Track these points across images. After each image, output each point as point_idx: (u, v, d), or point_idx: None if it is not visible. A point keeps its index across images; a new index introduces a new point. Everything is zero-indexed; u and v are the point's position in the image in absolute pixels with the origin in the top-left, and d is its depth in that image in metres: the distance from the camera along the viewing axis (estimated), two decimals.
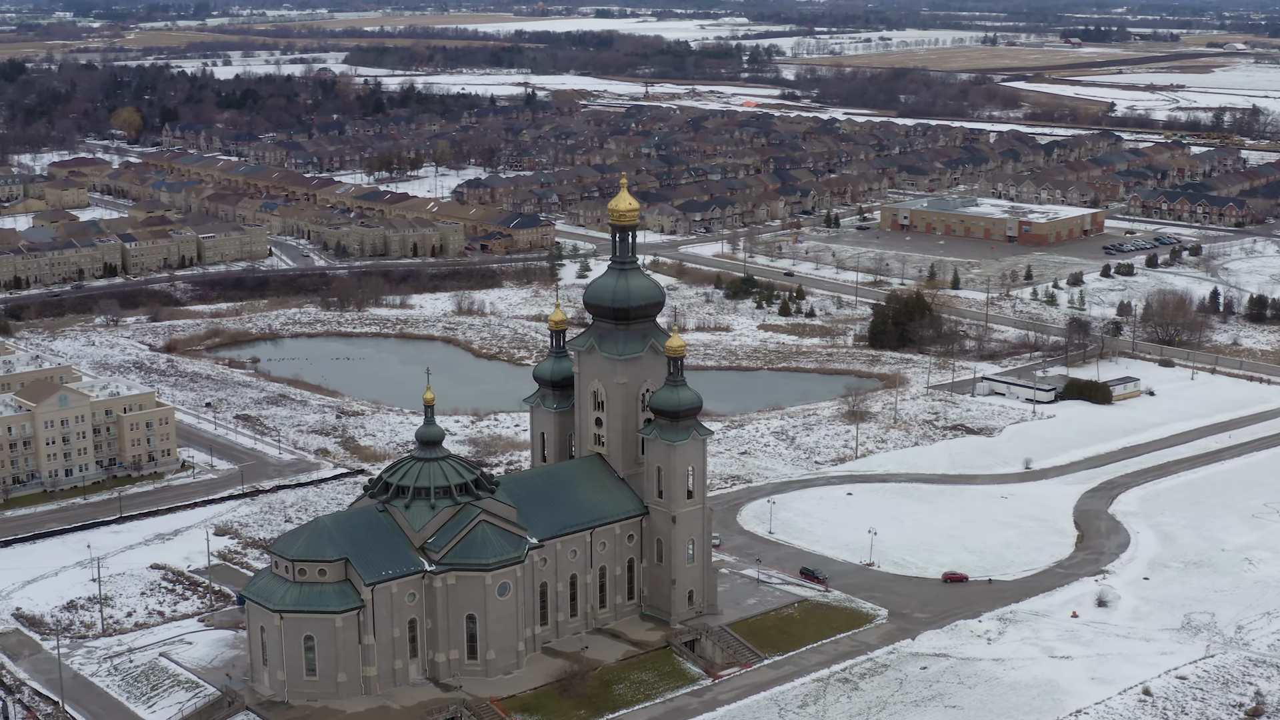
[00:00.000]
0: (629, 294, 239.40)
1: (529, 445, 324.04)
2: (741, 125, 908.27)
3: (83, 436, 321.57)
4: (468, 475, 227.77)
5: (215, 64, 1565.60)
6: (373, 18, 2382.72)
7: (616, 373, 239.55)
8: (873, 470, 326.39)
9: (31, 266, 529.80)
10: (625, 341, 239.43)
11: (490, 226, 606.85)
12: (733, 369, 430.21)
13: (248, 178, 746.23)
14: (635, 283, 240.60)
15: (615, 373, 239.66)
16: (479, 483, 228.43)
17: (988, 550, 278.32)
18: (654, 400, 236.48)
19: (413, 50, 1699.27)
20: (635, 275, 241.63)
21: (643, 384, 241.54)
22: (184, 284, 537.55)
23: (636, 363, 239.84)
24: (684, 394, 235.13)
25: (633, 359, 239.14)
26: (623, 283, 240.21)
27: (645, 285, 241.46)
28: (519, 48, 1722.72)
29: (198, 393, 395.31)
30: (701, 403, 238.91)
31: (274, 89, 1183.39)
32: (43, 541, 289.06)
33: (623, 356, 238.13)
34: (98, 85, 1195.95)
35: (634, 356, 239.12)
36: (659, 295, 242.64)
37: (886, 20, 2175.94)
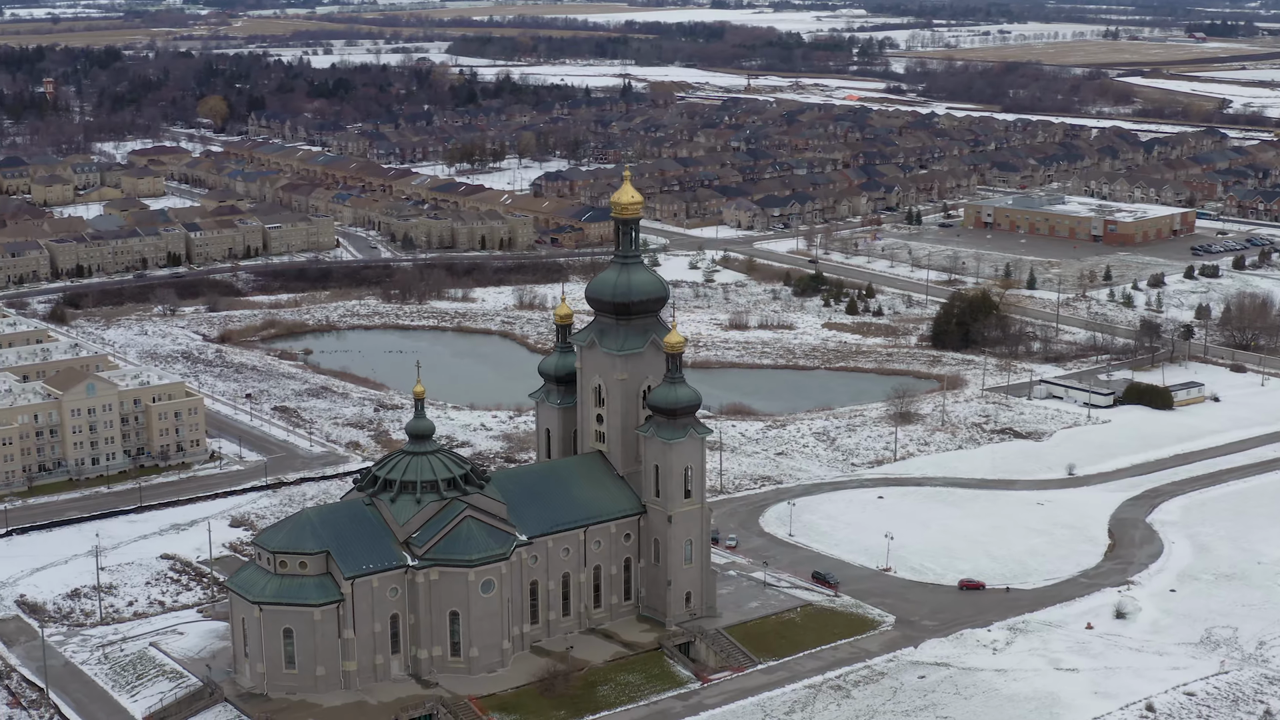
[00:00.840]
0: (630, 289, 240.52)
1: None
2: (837, 119, 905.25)
3: (110, 425, 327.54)
4: (456, 470, 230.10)
5: (316, 52, 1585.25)
6: (483, 7, 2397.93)
7: (616, 369, 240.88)
8: (909, 474, 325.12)
9: (94, 255, 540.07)
10: (626, 337, 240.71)
11: (561, 220, 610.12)
12: (789, 368, 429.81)
13: (326, 168, 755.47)
14: (637, 277, 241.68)
15: (615, 369, 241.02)
16: (467, 478, 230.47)
17: (1011, 558, 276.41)
18: (651, 397, 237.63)
19: (517, 40, 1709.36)
20: (638, 270, 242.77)
21: (644, 380, 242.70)
22: (246, 274, 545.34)
23: (637, 359, 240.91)
24: (681, 391, 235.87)
25: (633, 355, 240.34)
26: (624, 277, 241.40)
27: (647, 280, 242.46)
28: (626, 38, 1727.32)
29: (240, 384, 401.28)
30: (700, 401, 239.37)
31: (368, 78, 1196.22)
32: (59, 530, 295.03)
33: (622, 352, 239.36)
34: (191, 73, 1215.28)
35: (634, 352, 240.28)
36: (661, 290, 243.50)
37: (1009, 13, 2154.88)
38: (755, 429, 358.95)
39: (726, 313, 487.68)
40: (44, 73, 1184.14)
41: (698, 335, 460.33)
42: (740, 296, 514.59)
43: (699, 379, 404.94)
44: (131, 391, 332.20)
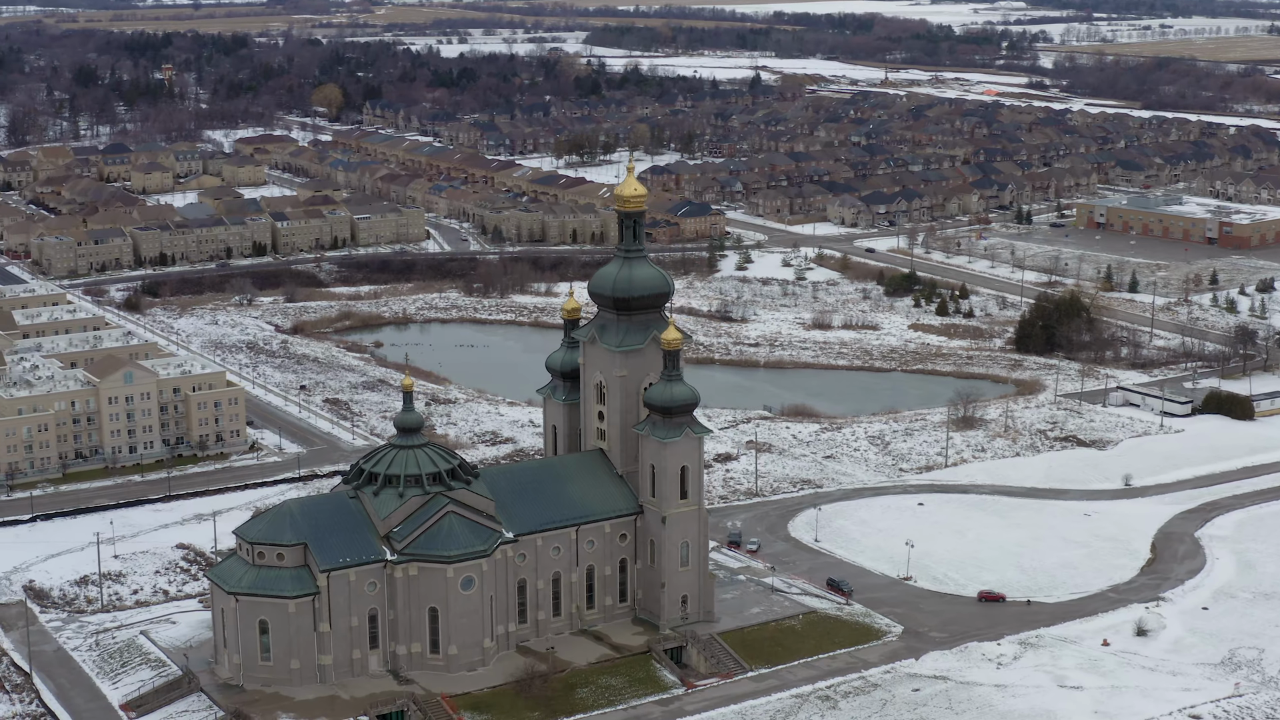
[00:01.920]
0: (630, 283, 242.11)
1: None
2: (964, 115, 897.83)
3: (148, 414, 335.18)
4: (442, 464, 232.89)
5: (451, 41, 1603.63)
6: None
7: (615, 365, 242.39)
8: (956, 480, 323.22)
9: (178, 243, 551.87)
10: (626, 333, 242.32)
11: (657, 214, 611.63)
12: (864, 369, 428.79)
13: (431, 159, 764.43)
14: (638, 272, 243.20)
15: (614, 365, 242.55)
16: (454, 472, 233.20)
17: (1042, 570, 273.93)
18: (648, 395, 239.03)
19: (656, 31, 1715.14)
20: (640, 264, 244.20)
21: (645, 378, 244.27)
22: (330, 265, 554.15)
23: (637, 355, 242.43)
24: (678, 389, 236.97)
25: (633, 351, 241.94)
26: (625, 271, 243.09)
27: (649, 275, 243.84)
28: (770, 30, 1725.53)
29: (299, 375, 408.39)
30: (697, 399, 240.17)
31: (495, 68, 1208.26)
32: (82, 517, 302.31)
33: (621, 348, 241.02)
34: (316, 61, 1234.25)
35: (634, 349, 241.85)
36: (663, 286, 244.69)
37: (1174, 7, 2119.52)
38: (809, 431, 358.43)
39: (812, 312, 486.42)
40: (167, 59, 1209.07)
41: (776, 334, 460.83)
42: (829, 295, 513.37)
43: (771, 379, 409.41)
44: (171, 380, 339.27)
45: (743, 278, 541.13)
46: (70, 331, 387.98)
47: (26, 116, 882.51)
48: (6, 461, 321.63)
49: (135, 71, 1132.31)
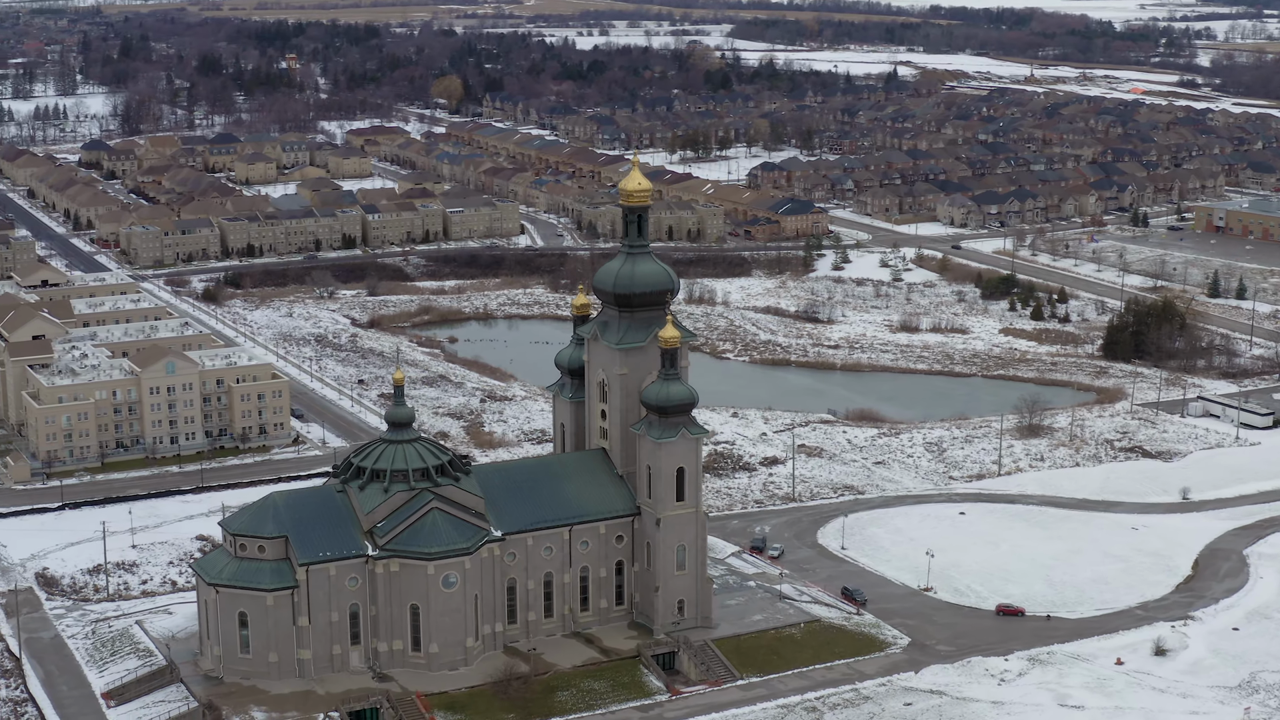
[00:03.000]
0: (632, 279, 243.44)
1: None
2: (1100, 114, 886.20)
3: (190, 405, 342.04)
4: (431, 460, 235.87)
5: (591, 33, 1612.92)
6: None
7: (616, 363, 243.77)
8: (1006, 490, 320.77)
9: (266, 234, 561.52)
10: (627, 330, 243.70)
11: (758, 211, 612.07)
12: (943, 374, 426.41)
13: (540, 152, 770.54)
14: (641, 268, 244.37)
15: (616, 363, 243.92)
16: (443, 469, 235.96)
17: (1071, 584, 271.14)
18: (644, 394, 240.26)
19: (802, 24, 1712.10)
20: (643, 260, 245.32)
21: (647, 376, 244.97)
22: (418, 259, 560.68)
23: (638, 353, 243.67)
24: (674, 388, 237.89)
25: (633, 348, 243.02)
26: (628, 267, 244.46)
27: (651, 271, 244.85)
28: (922, 24, 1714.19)
29: (360, 369, 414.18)
30: (695, 399, 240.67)
31: (627, 61, 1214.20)
32: (110, 506, 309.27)
33: (621, 345, 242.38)
34: (446, 52, 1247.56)
35: (634, 346, 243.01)
36: (667, 282, 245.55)
37: None
38: (866, 436, 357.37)
39: (902, 314, 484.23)
40: (295, 49, 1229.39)
41: (860, 337, 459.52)
42: (924, 297, 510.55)
43: (845, 382, 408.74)
44: (213, 371, 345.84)
45: (837, 278, 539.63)
46: (132, 321, 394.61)
47: (141, 105, 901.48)
48: (45, 450, 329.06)
49: (261, 61, 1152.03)
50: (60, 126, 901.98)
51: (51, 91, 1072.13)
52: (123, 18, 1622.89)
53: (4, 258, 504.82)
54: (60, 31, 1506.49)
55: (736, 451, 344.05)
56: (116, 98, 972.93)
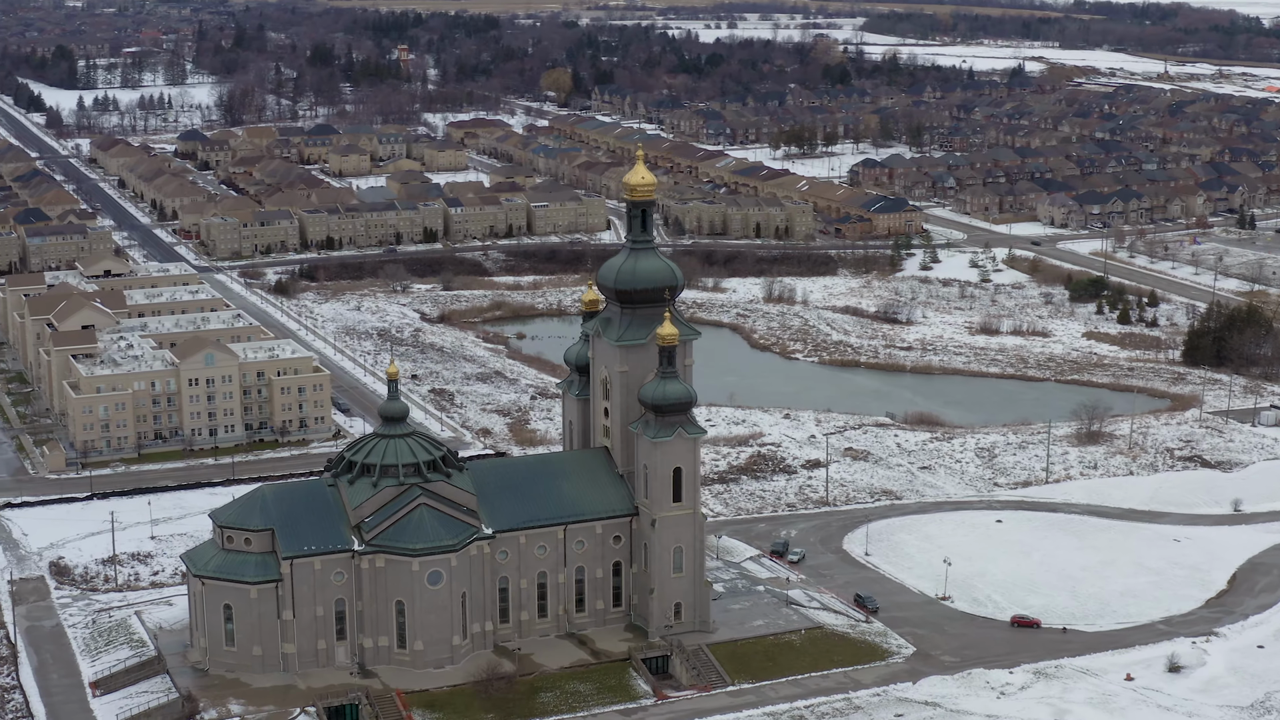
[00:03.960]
0: (634, 275, 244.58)
1: (707, 441, 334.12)
2: (1225, 113, 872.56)
3: (229, 397, 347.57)
4: (422, 455, 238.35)
5: (720, 25, 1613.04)
6: None
7: (617, 360, 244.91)
8: (1049, 498, 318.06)
9: (346, 227, 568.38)
10: (628, 327, 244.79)
11: (850, 209, 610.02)
12: (1015, 378, 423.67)
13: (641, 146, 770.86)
14: (643, 264, 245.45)
15: (616, 360, 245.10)
16: (434, 464, 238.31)
17: (1096, 596, 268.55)
18: (641, 392, 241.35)
19: (936, 18, 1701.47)
20: (646, 256, 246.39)
21: (648, 374, 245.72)
22: (498, 253, 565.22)
23: (640, 350, 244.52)
24: (671, 387, 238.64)
25: (634, 346, 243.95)
26: (630, 263, 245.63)
27: (654, 267, 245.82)
28: (1065, 19, 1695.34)
29: (416, 364, 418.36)
30: (692, 398, 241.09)
31: (748, 54, 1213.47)
32: (139, 497, 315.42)
33: (621, 343, 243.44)
34: (564, 44, 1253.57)
35: (635, 343, 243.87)
36: (670, 279, 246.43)
37: None
38: (918, 440, 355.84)
39: (984, 316, 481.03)
40: (410, 40, 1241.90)
41: (937, 338, 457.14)
42: (1010, 299, 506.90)
43: (912, 384, 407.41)
44: (253, 364, 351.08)
45: (924, 278, 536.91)
46: (187, 312, 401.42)
47: (244, 95, 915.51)
48: (83, 439, 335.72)
49: (374, 51, 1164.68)
50: (163, 116, 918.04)
51: (160, 81, 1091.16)
52: (244, 7, 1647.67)
53: (80, 247, 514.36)
54: (180, 21, 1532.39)
55: (780, 454, 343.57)
56: (222, 88, 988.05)
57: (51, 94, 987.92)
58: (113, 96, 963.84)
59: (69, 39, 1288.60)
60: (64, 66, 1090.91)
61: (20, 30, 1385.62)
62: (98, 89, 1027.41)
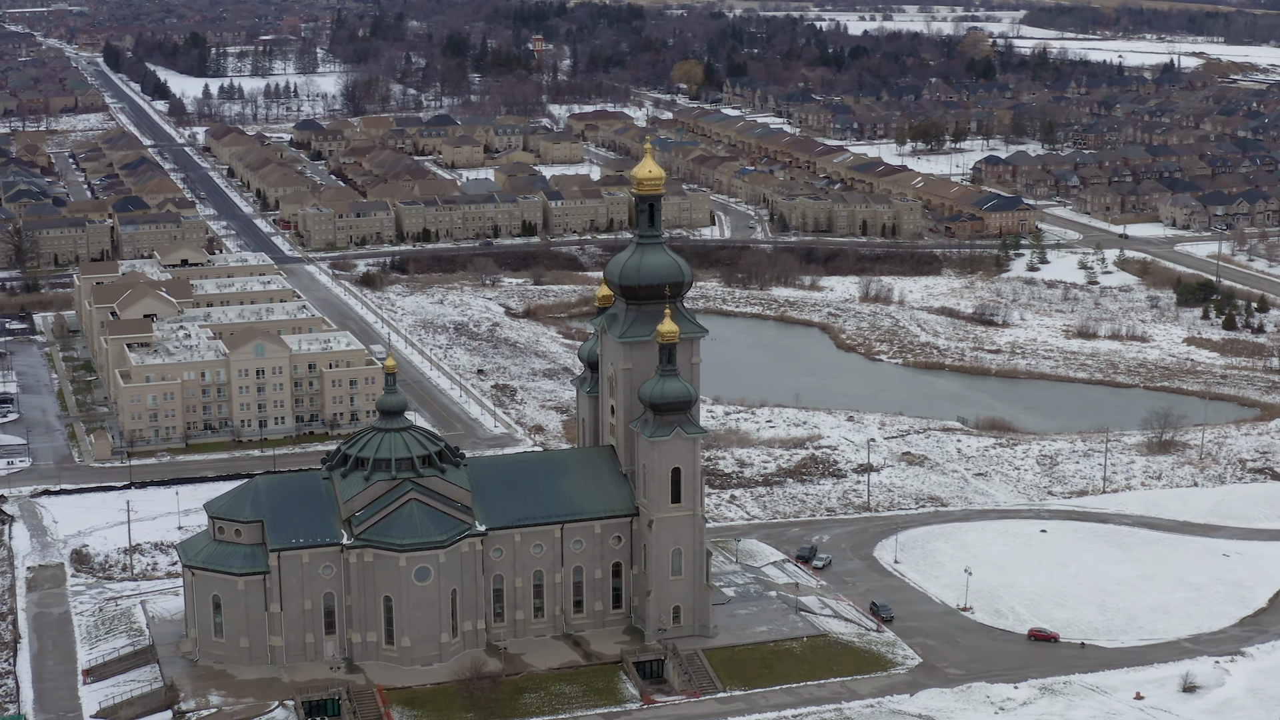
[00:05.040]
0: (639, 271, 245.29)
1: (762, 443, 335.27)
2: None
3: (279, 389, 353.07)
4: (417, 449, 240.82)
5: (874, 17, 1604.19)
6: None
7: (620, 357, 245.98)
8: (1102, 508, 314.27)
9: (444, 219, 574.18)
10: (632, 323, 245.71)
11: (963, 207, 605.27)
12: (1102, 384, 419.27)
13: (761, 140, 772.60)
14: (649, 260, 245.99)
15: (620, 356, 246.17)
16: (429, 459, 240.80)
17: (1126, 611, 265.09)
18: (641, 390, 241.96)
19: (1099, 12, 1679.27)
20: (653, 251, 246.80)
21: (653, 372, 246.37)
22: (594, 248, 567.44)
23: (644, 347, 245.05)
24: (669, 385, 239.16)
25: (638, 343, 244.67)
26: (635, 258, 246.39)
27: (660, 263, 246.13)
28: (1235, 13, 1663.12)
29: (486, 358, 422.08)
30: (691, 397, 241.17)
31: (895, 47, 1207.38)
32: (173, 487, 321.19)
33: (624, 339, 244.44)
34: (706, 34, 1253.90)
35: (638, 340, 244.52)
36: (676, 275, 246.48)
37: None
38: (980, 446, 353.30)
39: (1083, 319, 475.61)
40: (550, 30, 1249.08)
41: (1030, 341, 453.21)
42: (1114, 302, 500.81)
43: (994, 388, 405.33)
44: (304, 356, 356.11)
45: (1029, 279, 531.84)
46: (257, 302, 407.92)
47: (369, 85, 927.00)
48: (130, 428, 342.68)
49: (507, 41, 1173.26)
50: (286, 105, 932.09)
51: (291, 70, 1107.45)
52: None
53: (172, 236, 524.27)
54: (323, 9, 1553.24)
55: (834, 457, 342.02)
56: (350, 77, 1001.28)
57: (179, 81, 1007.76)
58: (238, 85, 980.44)
59: (207, 26, 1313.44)
60: (194, 54, 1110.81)
61: (160, 17, 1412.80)
62: (227, 77, 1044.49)
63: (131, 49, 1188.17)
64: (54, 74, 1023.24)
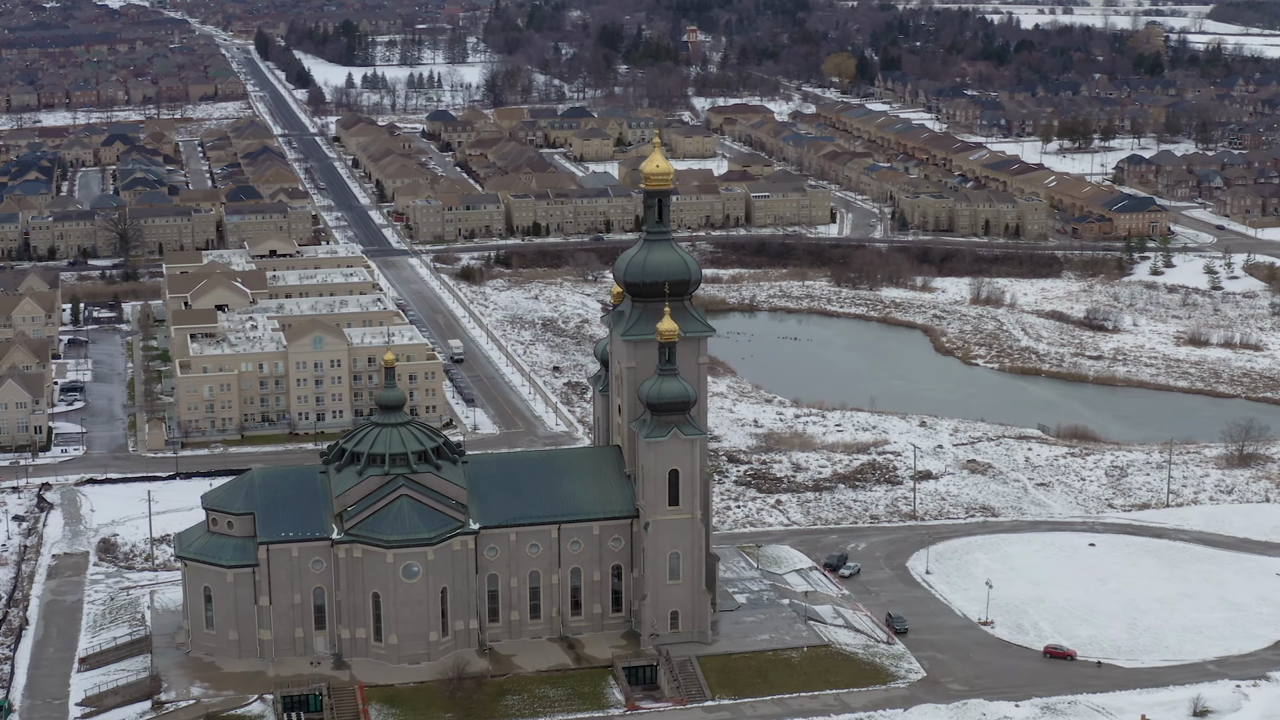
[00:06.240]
0: (644, 268, 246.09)
1: (825, 446, 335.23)
2: None
3: (337, 381, 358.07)
4: (413, 445, 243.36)
5: (1054, 12, 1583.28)
6: None
7: (624, 355, 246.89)
8: (1161, 523, 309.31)
9: (555, 213, 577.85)
10: (636, 321, 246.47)
11: (1093, 208, 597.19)
12: (1202, 393, 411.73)
13: (899, 137, 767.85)
14: (655, 256, 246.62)
15: (624, 355, 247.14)
16: (425, 455, 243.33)
17: (1154, 630, 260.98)
18: (640, 390, 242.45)
19: None
20: (660, 248, 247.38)
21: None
22: (706, 245, 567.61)
23: (647, 346, 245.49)
24: (667, 385, 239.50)
25: (641, 341, 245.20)
26: (641, 255, 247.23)
27: (666, 260, 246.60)
28: None
29: (567, 355, 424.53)
30: (691, 397, 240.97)
31: (1066, 41, 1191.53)
32: (219, 478, 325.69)
33: (627, 337, 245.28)
34: (868, 26, 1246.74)
35: (642, 338, 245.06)
36: (683, 273, 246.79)
37: None
38: (1050, 455, 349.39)
39: (1198, 326, 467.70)
40: (709, 21, 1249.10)
41: (1136, 348, 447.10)
42: (1234, 309, 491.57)
43: (1087, 396, 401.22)
44: (364, 349, 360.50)
45: (1150, 283, 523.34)
46: (336, 294, 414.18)
47: (510, 75, 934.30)
48: (186, 419, 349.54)
49: (665, 32, 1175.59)
50: (427, 95, 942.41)
51: (440, 59, 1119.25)
52: None
53: (278, 226, 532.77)
54: None
55: (895, 463, 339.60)
56: (496, 67, 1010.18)
57: (323, 70, 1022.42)
58: (382, 74, 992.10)
59: (364, 14, 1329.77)
60: (343, 42, 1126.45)
61: (319, 4, 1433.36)
62: (375, 66, 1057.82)
63: (284, 37, 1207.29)
64: (198, 61, 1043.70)
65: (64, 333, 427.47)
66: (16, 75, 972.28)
